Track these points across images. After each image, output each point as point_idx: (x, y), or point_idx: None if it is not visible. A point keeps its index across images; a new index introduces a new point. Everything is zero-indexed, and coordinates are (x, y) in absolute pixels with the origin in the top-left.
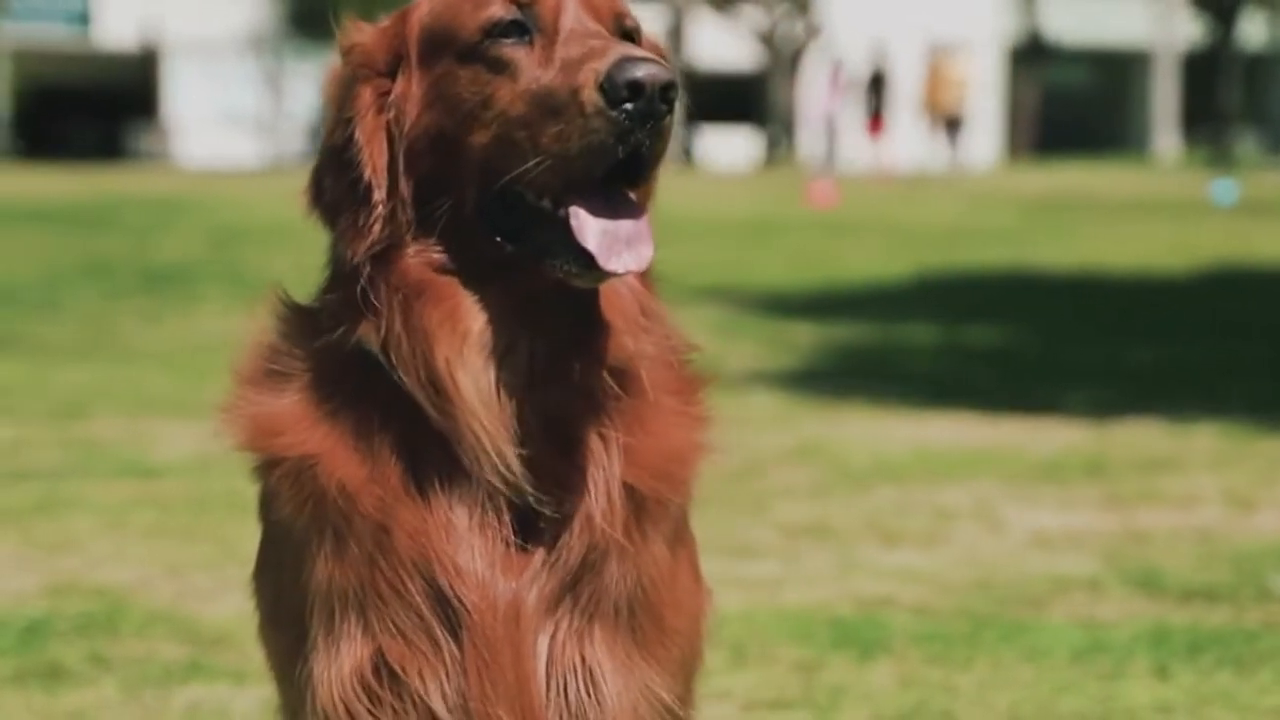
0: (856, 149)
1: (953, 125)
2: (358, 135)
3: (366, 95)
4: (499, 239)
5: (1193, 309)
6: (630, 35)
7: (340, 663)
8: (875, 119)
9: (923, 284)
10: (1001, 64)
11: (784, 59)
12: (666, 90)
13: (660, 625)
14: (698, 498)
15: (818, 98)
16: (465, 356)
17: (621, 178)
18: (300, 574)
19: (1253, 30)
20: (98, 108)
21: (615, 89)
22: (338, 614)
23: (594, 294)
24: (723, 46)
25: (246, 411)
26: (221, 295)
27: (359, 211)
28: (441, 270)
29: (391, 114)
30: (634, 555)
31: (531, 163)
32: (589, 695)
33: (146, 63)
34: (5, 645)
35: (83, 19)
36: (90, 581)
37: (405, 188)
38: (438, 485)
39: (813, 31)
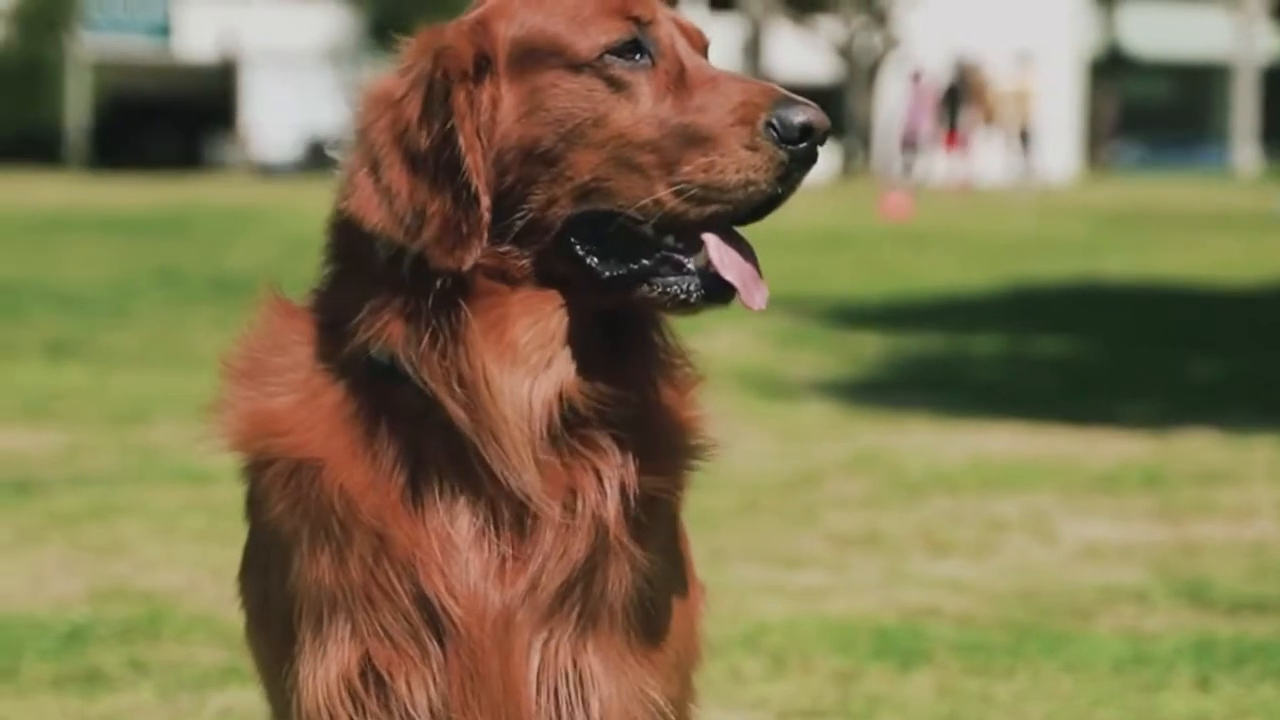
0: (932, 161)
1: (1023, 138)
2: (461, 141)
3: (463, 99)
4: (588, 259)
5: (1260, 322)
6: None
7: (327, 666)
8: (951, 132)
9: (992, 295)
10: (1080, 76)
11: (861, 71)
12: (826, 135)
13: (654, 626)
14: (748, 507)
15: (908, 110)
16: (510, 366)
17: (746, 215)
18: (288, 576)
19: None
20: (177, 118)
21: (788, 130)
22: (326, 617)
23: (650, 317)
24: (800, 58)
25: (240, 410)
26: None
27: (462, 220)
28: (501, 279)
29: (482, 119)
30: (631, 557)
31: (669, 191)
32: (579, 700)
33: (225, 73)
34: (46, 649)
35: (163, 30)
36: (135, 586)
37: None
38: (439, 495)
39: (891, 43)
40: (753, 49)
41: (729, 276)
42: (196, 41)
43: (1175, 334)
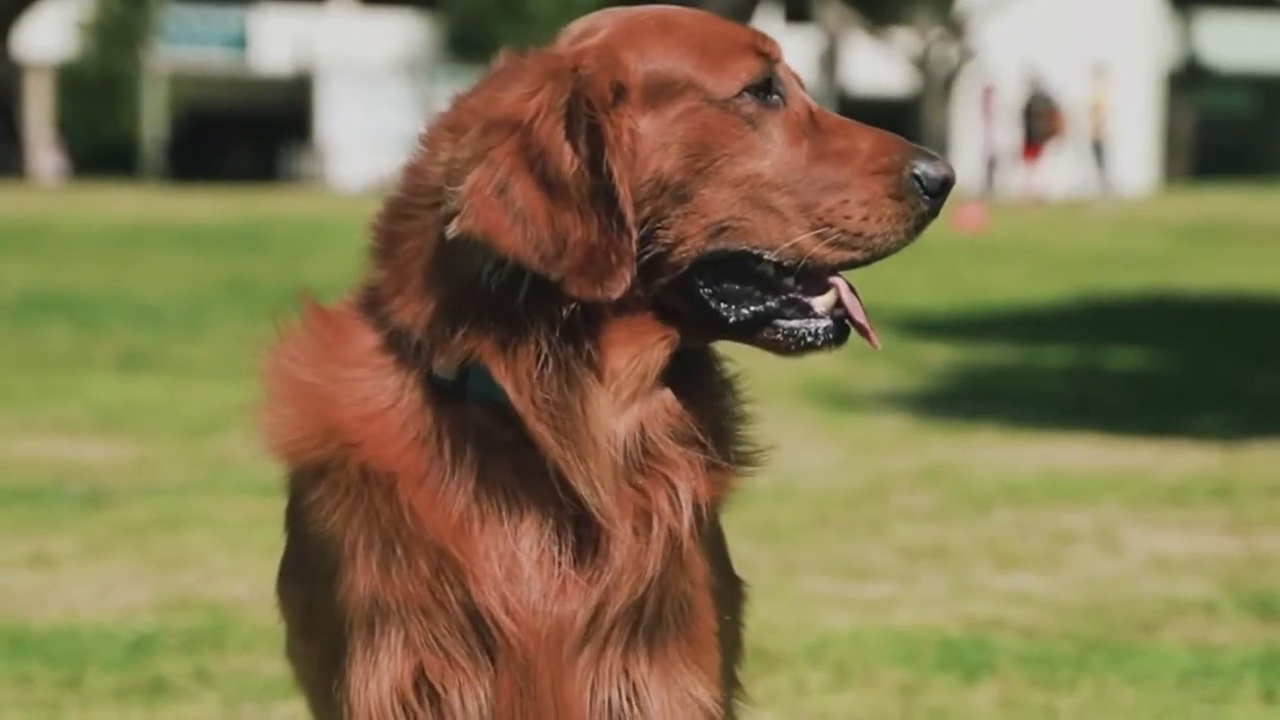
0: (1008, 174)
1: (1097, 150)
2: (614, 169)
3: (609, 127)
4: (712, 302)
5: None
6: None
7: (379, 677)
8: (1031, 145)
9: (1066, 307)
10: (1158, 89)
11: (937, 83)
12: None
13: (702, 629)
14: (818, 520)
15: (984, 124)
16: (609, 393)
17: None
18: (338, 587)
19: None
20: (253, 131)
21: (930, 183)
22: (378, 628)
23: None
24: (876, 70)
25: (298, 417)
26: None
27: (611, 249)
28: (612, 309)
29: (624, 150)
30: (679, 570)
31: (809, 235)
32: (633, 712)
33: (301, 86)
34: (111, 659)
35: (240, 43)
36: (202, 597)
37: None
38: (504, 514)
39: (967, 55)
40: (829, 61)
41: (860, 319)
42: (272, 54)
43: (1248, 347)
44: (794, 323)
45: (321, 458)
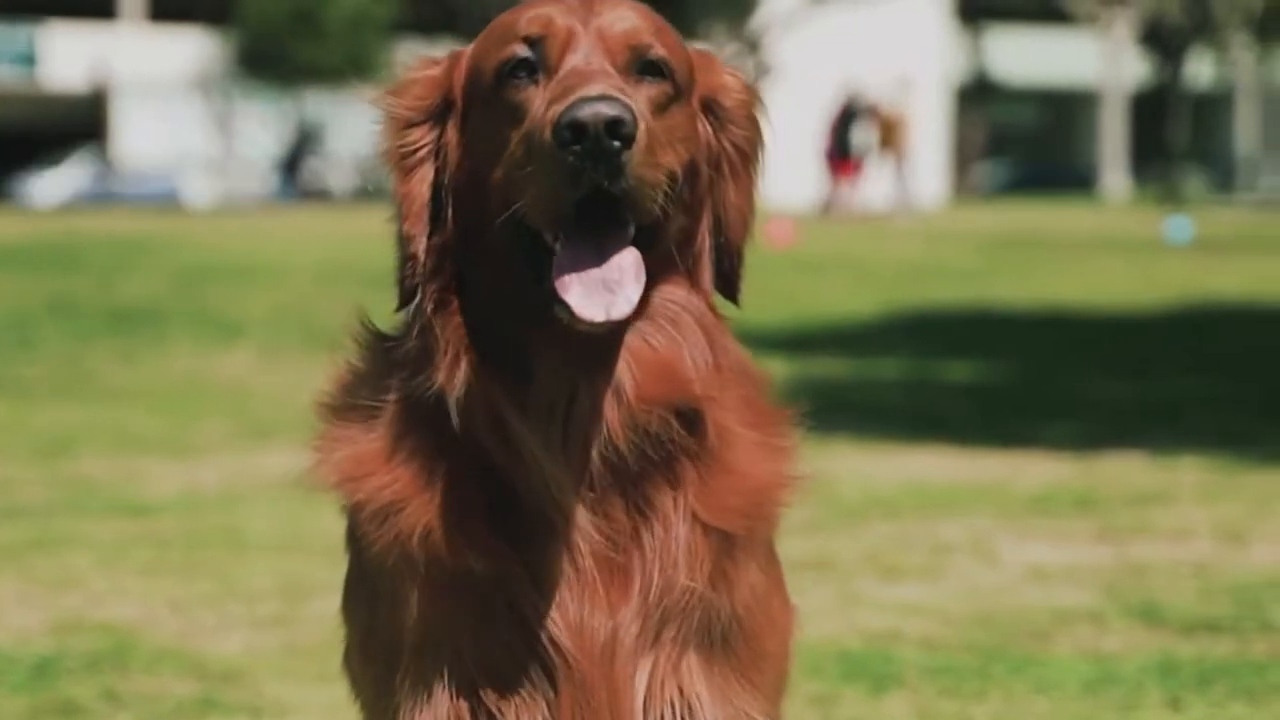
0: (804, 186)
1: (897, 164)
2: (396, 184)
3: (408, 141)
4: (535, 279)
5: (1162, 345)
6: (658, 67)
7: (435, 706)
8: (846, 158)
9: (891, 321)
10: (948, 103)
11: None
12: (615, 126)
13: (755, 650)
14: None
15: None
16: (524, 403)
17: (613, 217)
18: (394, 611)
19: (1200, 70)
20: (46, 149)
21: (559, 131)
22: (431, 658)
23: (659, 336)
24: None
25: (334, 451)
26: (191, 335)
27: (402, 264)
28: (496, 316)
29: (440, 160)
30: (727, 589)
31: (522, 202)
32: None
33: (96, 103)
34: (17, 682)
35: (28, 60)
36: (94, 618)
37: (453, 236)
38: (527, 529)
39: (763, 70)
40: None
41: (565, 294)
42: (65, 71)
43: (1078, 358)
44: (554, 298)
45: (354, 490)
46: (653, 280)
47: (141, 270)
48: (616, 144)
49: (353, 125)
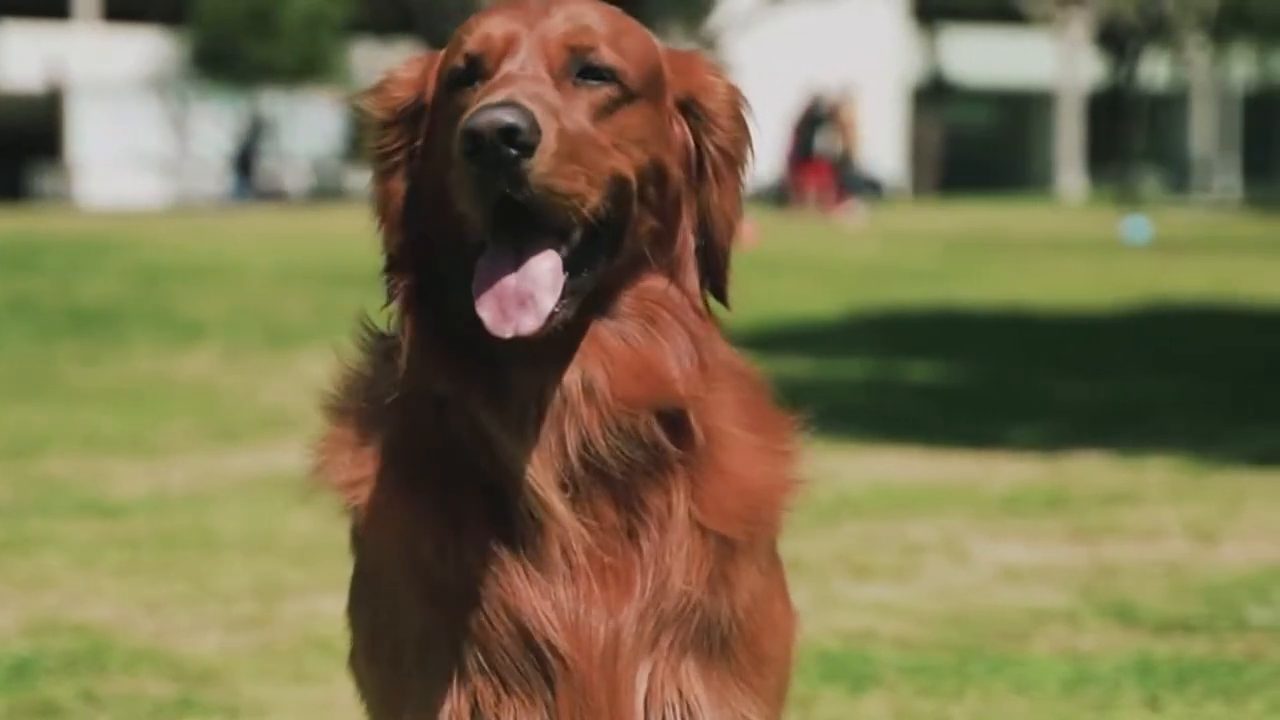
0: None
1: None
2: (374, 184)
3: (385, 142)
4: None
5: (1124, 344)
6: (602, 73)
7: (435, 709)
8: (806, 161)
9: (853, 321)
10: (904, 104)
11: None
12: (510, 134)
13: (755, 654)
14: None
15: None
16: (498, 403)
17: (535, 224)
18: (396, 614)
19: (1155, 70)
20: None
21: (462, 139)
22: (432, 662)
23: (638, 335)
24: None
25: (335, 454)
26: (151, 336)
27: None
28: (467, 316)
29: (415, 161)
30: (727, 593)
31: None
32: None
33: (51, 103)
34: None
35: None
36: (70, 619)
37: (425, 235)
38: (519, 529)
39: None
40: None
41: (479, 309)
42: (19, 70)
43: (1042, 358)
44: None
45: (352, 495)
46: (629, 279)
47: (101, 271)
48: (514, 152)
49: (308, 125)
